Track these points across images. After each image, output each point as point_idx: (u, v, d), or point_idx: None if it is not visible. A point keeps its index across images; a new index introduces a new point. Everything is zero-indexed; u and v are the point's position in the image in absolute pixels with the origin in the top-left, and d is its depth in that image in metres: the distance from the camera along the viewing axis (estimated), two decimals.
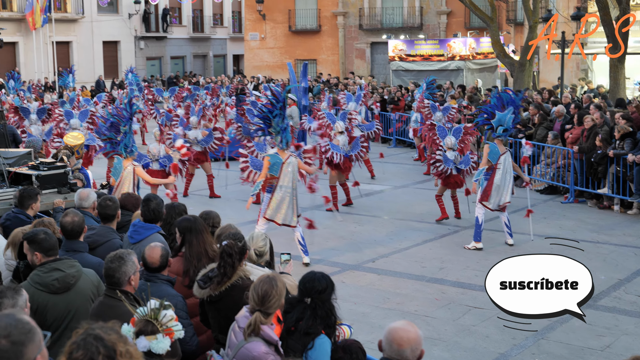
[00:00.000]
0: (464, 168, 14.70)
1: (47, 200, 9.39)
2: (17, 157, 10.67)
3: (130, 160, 11.90)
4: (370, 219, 15.21)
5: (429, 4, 43.10)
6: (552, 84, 29.19)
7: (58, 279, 5.82)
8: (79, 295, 5.87)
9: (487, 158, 13.05)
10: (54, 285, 5.79)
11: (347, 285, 10.92)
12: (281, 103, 11.93)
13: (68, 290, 5.84)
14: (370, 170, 19.46)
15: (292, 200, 12.00)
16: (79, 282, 5.91)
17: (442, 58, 34.32)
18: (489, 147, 13.12)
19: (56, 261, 5.94)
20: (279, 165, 11.95)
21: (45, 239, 6.00)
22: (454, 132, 15.18)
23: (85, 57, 45.39)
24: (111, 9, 47.08)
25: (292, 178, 12.00)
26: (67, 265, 5.93)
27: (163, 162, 15.05)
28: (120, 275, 5.49)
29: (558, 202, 16.50)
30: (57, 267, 5.88)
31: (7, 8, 40.95)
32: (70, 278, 5.87)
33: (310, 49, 45.40)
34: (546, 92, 22.43)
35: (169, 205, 7.71)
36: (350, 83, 31.73)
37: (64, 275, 5.84)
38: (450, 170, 14.63)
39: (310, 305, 5.32)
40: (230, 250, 5.92)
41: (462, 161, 14.76)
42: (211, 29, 54.22)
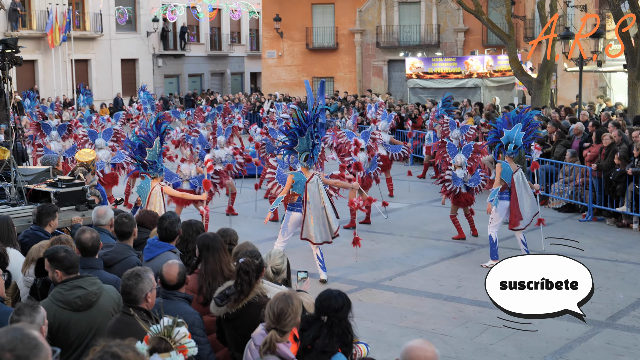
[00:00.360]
0: (474, 186, 14.68)
1: (65, 217, 9.43)
2: (36, 174, 10.73)
3: (157, 180, 11.80)
4: (387, 237, 15.17)
5: (447, 22, 43.13)
6: (570, 101, 29.10)
7: (80, 296, 5.84)
8: (100, 312, 5.89)
9: (499, 178, 12.94)
10: (77, 303, 5.81)
11: (364, 303, 10.88)
12: (312, 122, 11.87)
13: (90, 307, 5.87)
14: (390, 189, 19.41)
15: (325, 219, 12.03)
16: (100, 299, 5.94)
17: (459, 76, 34.30)
18: (500, 166, 12.99)
19: (78, 279, 5.96)
20: (303, 184, 11.95)
21: (66, 256, 6.03)
22: (463, 150, 15.23)
23: (104, 74, 45.70)
24: (129, 27, 47.43)
25: (320, 197, 12.00)
26: (89, 282, 5.95)
27: (194, 182, 15.01)
28: (137, 292, 5.49)
29: (576, 220, 16.40)
30: (79, 285, 5.90)
31: (27, 26, 41.32)
32: (92, 295, 5.89)
33: (327, 66, 45.50)
34: (564, 109, 22.36)
35: (186, 223, 7.72)
36: (367, 101, 31.75)
37: (86, 292, 5.86)
38: (459, 189, 14.63)
39: (327, 324, 5.29)
40: (247, 267, 5.92)
41: (472, 179, 14.75)
42: (229, 46, 54.49)
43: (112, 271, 6.88)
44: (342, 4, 44.59)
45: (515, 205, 12.90)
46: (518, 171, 13.04)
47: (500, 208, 12.95)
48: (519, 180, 12.99)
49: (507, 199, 12.97)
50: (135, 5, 47.53)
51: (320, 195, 12.02)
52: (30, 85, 39.68)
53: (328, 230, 12.14)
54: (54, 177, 10.68)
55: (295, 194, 12.04)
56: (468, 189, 14.73)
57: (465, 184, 14.70)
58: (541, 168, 17.86)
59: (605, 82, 30.54)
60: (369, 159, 16.40)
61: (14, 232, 7.94)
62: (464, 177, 14.72)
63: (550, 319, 10.08)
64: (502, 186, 12.96)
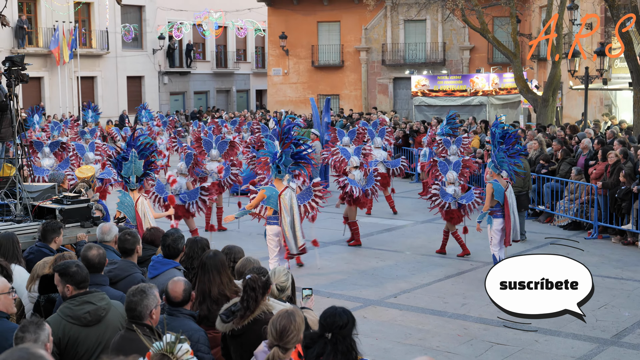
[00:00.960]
0: (465, 203, 14.75)
1: (70, 234, 9.45)
2: (41, 191, 10.76)
3: (137, 192, 11.71)
4: (392, 254, 15.15)
5: (452, 40, 43.23)
6: (575, 119, 29.13)
7: (90, 311, 5.88)
8: (109, 328, 5.92)
9: (490, 198, 12.92)
10: (86, 318, 5.85)
11: (368, 321, 10.86)
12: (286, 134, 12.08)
13: (99, 322, 5.91)
14: (391, 207, 19.40)
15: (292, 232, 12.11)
16: (108, 314, 5.98)
17: (465, 93, 34.35)
18: (492, 186, 12.98)
19: (87, 294, 6.00)
20: (276, 197, 12.07)
21: (77, 271, 6.07)
22: (454, 167, 15.39)
23: (110, 91, 45.83)
24: (135, 45, 47.61)
25: (291, 209, 12.10)
26: (98, 298, 5.99)
27: (183, 197, 15.04)
28: (142, 308, 5.51)
29: (581, 237, 16.35)
30: (89, 300, 5.95)
31: (33, 43, 41.51)
32: (101, 311, 5.92)
33: (333, 84, 45.60)
34: (569, 127, 22.37)
35: (192, 240, 7.72)
36: (372, 118, 31.79)
37: (96, 308, 5.90)
38: (449, 205, 14.74)
39: (331, 341, 5.28)
40: (254, 284, 5.92)
41: (464, 196, 14.88)
42: (234, 64, 54.64)
43: (116, 288, 6.89)
44: (347, 22, 44.74)
45: (509, 224, 12.94)
46: (509, 188, 13.09)
47: (496, 225, 13.01)
48: (511, 196, 13.05)
49: (501, 216, 13.01)
50: (142, 23, 47.74)
51: (292, 208, 12.12)
52: (36, 102, 39.81)
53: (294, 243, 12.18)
54: (59, 194, 10.71)
55: (269, 208, 12.20)
56: (460, 206, 14.81)
57: (456, 200, 14.80)
58: (546, 186, 17.87)
59: (610, 100, 30.56)
60: (365, 174, 16.35)
61: (19, 248, 7.97)
62: (455, 194, 14.85)
63: (555, 337, 10.08)
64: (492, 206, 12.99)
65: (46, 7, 41.20)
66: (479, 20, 28.53)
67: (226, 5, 50.18)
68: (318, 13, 45.14)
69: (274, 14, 46.22)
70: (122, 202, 11.43)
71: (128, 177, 11.59)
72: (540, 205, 18.25)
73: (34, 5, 41.75)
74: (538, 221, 18.14)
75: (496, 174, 13.08)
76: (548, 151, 19.14)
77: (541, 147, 19.21)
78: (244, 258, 7.15)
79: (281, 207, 12.03)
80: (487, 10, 30.30)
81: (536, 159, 18.74)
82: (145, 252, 8.07)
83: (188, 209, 14.93)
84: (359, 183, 15.90)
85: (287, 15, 45.61)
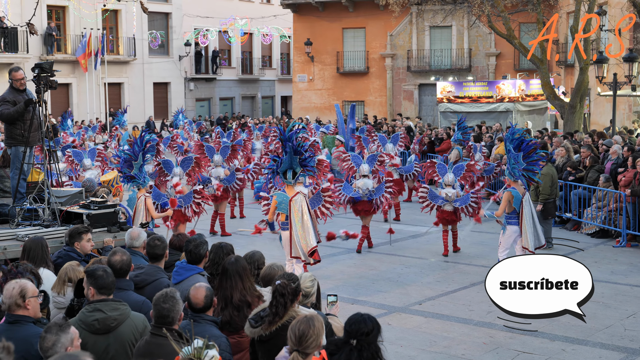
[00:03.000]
0: (459, 206, 15.08)
1: (97, 239, 9.50)
2: (69, 196, 10.84)
3: (143, 191, 12.73)
4: (417, 261, 15.10)
5: (478, 46, 43.07)
6: (603, 126, 28.88)
7: (98, 319, 5.94)
8: (117, 340, 5.96)
9: (506, 205, 12.94)
10: (94, 326, 5.93)
11: (393, 328, 10.83)
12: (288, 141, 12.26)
13: (108, 332, 5.94)
14: (397, 213, 19.27)
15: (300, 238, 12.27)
16: (121, 326, 5.99)
17: (491, 100, 34.16)
18: (511, 193, 12.97)
19: (101, 302, 6.04)
20: (287, 203, 12.27)
21: (101, 276, 6.14)
22: (454, 170, 15.68)
23: (136, 98, 46.13)
24: (162, 51, 47.90)
25: (301, 214, 12.24)
26: (111, 307, 6.02)
27: (179, 202, 15.04)
28: (175, 314, 5.63)
29: (610, 246, 16.22)
30: (100, 308, 6.01)
31: (62, 50, 41.89)
32: (111, 321, 5.96)
33: (358, 90, 45.58)
34: (597, 134, 22.19)
35: (216, 246, 7.74)
36: (398, 125, 31.73)
37: (105, 317, 5.95)
38: (439, 207, 15.19)
39: (356, 347, 5.27)
40: (283, 290, 5.93)
41: (459, 199, 15.21)
42: (260, 70, 54.81)
43: (142, 292, 6.93)
44: (373, 28, 44.71)
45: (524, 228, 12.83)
46: (526, 194, 13.05)
47: (510, 232, 13.04)
48: (527, 203, 12.97)
49: (516, 224, 12.97)
50: (168, 30, 48.04)
51: (302, 213, 12.25)
52: (64, 108, 40.18)
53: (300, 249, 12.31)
54: (86, 199, 10.79)
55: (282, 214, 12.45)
56: (454, 209, 15.15)
57: (450, 202, 15.15)
58: (574, 193, 17.74)
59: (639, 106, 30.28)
60: (378, 180, 16.22)
61: (48, 252, 8.04)
62: (451, 196, 15.23)
63: (583, 346, 9.99)
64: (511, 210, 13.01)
65: (75, 14, 41.56)
66: (505, 26, 28.39)
67: (252, 12, 50.40)
68: (343, 19, 45.17)
69: (300, 20, 46.31)
70: (130, 198, 11.96)
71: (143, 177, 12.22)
72: (568, 212, 18.12)
73: (63, 13, 42.14)
74: (565, 229, 18.00)
75: (513, 181, 13.05)
76: (575, 158, 19.00)
77: (568, 154, 19.07)
78: (267, 265, 7.16)
79: (291, 213, 12.20)
80: (513, 16, 30.15)
81: (563, 166, 18.61)
82: (171, 257, 8.13)
83: (185, 212, 15.03)
84: (366, 192, 15.81)
85: (313, 22, 45.69)
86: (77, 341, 5.11)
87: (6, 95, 10.86)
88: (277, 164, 12.50)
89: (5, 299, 5.86)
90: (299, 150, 12.33)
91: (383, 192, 15.84)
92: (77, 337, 5.12)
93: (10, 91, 10.84)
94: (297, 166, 12.30)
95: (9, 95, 10.78)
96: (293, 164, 12.27)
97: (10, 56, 37.03)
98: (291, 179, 12.36)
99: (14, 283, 5.93)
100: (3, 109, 10.65)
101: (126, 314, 6.06)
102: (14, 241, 9.30)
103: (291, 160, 12.26)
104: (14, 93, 10.78)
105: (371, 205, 15.81)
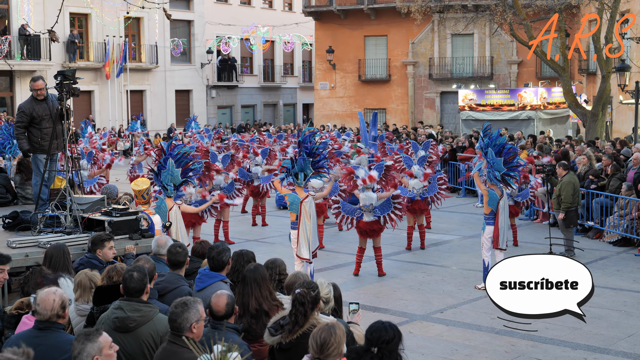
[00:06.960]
0: (428, 195, 16.14)
1: (118, 246, 9.54)
2: (91, 203, 10.90)
3: (171, 201, 12.34)
4: (439, 269, 15.05)
5: (500, 54, 42.96)
6: (625, 134, 28.70)
7: (118, 317, 6.02)
8: (136, 341, 5.98)
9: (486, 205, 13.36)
10: (114, 324, 6.00)
11: (414, 336, 10.79)
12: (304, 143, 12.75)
13: (127, 332, 5.97)
14: (427, 221, 19.17)
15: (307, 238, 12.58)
16: (141, 328, 6.00)
17: (512, 108, 34.01)
18: (487, 192, 13.34)
19: (126, 301, 6.09)
20: (298, 204, 12.63)
21: (128, 278, 6.22)
22: (419, 161, 16.46)
23: (158, 105, 46.37)
24: (184, 59, 48.14)
25: (310, 215, 12.63)
26: (132, 308, 6.05)
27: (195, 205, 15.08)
28: (182, 321, 5.54)
29: (632, 254, 16.10)
30: (121, 307, 6.08)
31: (84, 58, 42.21)
32: (130, 321, 5.98)
33: (379, 98, 45.58)
34: (619, 142, 22.06)
35: (238, 253, 7.75)
36: (419, 132, 31.68)
37: (125, 317, 5.99)
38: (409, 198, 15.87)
39: (377, 355, 5.27)
40: (303, 299, 5.93)
41: (429, 188, 16.12)
42: (281, 78, 54.95)
43: (164, 300, 6.94)
44: (394, 36, 44.72)
45: (497, 228, 13.16)
46: (504, 197, 13.33)
47: (488, 232, 13.32)
48: (504, 206, 13.28)
49: (492, 224, 13.29)
50: (190, 37, 48.28)
51: (310, 214, 12.65)
52: (86, 115, 40.49)
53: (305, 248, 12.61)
54: (108, 206, 10.84)
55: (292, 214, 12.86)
56: (423, 198, 16.10)
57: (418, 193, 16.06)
58: (596, 201, 17.63)
59: None
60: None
61: (70, 259, 8.10)
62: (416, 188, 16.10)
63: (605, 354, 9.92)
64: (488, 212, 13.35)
65: (97, 22, 41.90)
66: (527, 34, 28.31)
67: (274, 20, 50.55)
68: (365, 27, 45.21)
69: (321, 28, 46.39)
70: (158, 206, 11.94)
71: (166, 185, 12.07)
72: (590, 221, 18.00)
73: (85, 21, 42.49)
74: (587, 237, 17.88)
75: (491, 184, 13.40)
76: (597, 166, 18.89)
77: (590, 162, 18.96)
78: (292, 274, 7.14)
79: (301, 214, 12.58)
80: (535, 24, 30.02)
81: (585, 174, 18.50)
82: (192, 264, 8.14)
83: (202, 215, 15.27)
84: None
85: (334, 30, 45.75)
86: (107, 349, 5.06)
87: (23, 106, 11.04)
88: (291, 164, 12.89)
89: (43, 310, 5.80)
90: (314, 152, 12.77)
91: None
92: (107, 346, 5.07)
93: (29, 101, 11.01)
94: (308, 169, 12.72)
95: (27, 105, 10.97)
96: (305, 166, 12.67)
97: (33, 63, 37.40)
98: (302, 180, 12.79)
99: (52, 294, 5.87)
100: (17, 121, 11.07)
101: (148, 317, 6.08)
102: (36, 248, 9.37)
103: (304, 163, 12.66)
104: (33, 103, 10.93)
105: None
